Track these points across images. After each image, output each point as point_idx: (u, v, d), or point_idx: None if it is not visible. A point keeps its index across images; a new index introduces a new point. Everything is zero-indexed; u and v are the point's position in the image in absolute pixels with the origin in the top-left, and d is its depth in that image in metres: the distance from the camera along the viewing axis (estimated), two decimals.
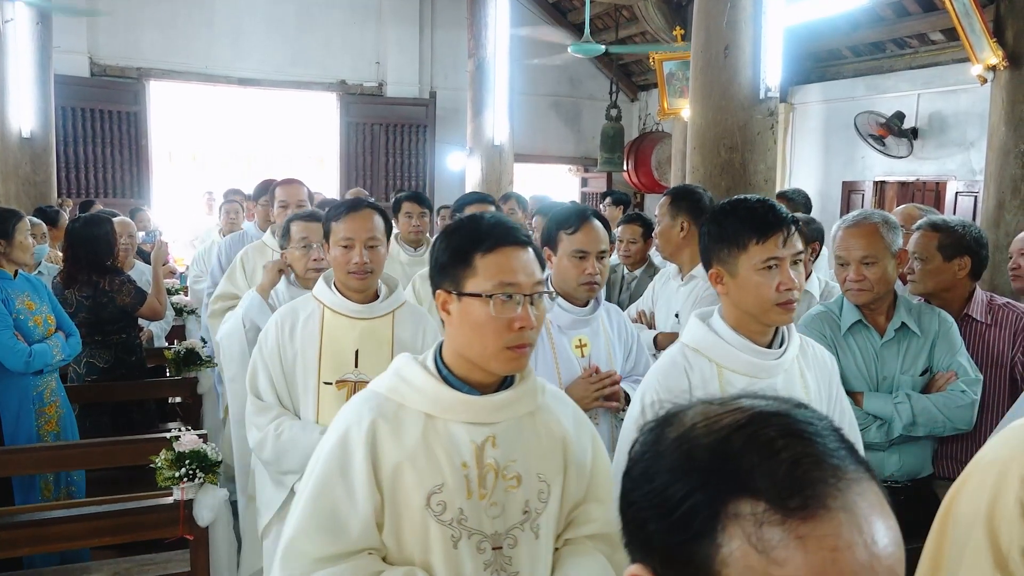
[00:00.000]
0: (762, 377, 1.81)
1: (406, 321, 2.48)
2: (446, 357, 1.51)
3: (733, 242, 1.77)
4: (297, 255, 3.08)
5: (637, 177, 10.73)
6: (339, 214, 2.41)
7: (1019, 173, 4.96)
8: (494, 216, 1.54)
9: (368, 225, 2.39)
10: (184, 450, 2.73)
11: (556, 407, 1.59)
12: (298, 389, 2.41)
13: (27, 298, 3.44)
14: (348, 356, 2.39)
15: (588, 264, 2.43)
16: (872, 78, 7.97)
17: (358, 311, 2.41)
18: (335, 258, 2.39)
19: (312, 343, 2.40)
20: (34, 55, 7.66)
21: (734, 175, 4.43)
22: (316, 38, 10.44)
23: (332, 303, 2.42)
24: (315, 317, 2.42)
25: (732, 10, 4.36)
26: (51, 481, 3.50)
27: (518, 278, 1.43)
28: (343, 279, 2.40)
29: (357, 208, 2.43)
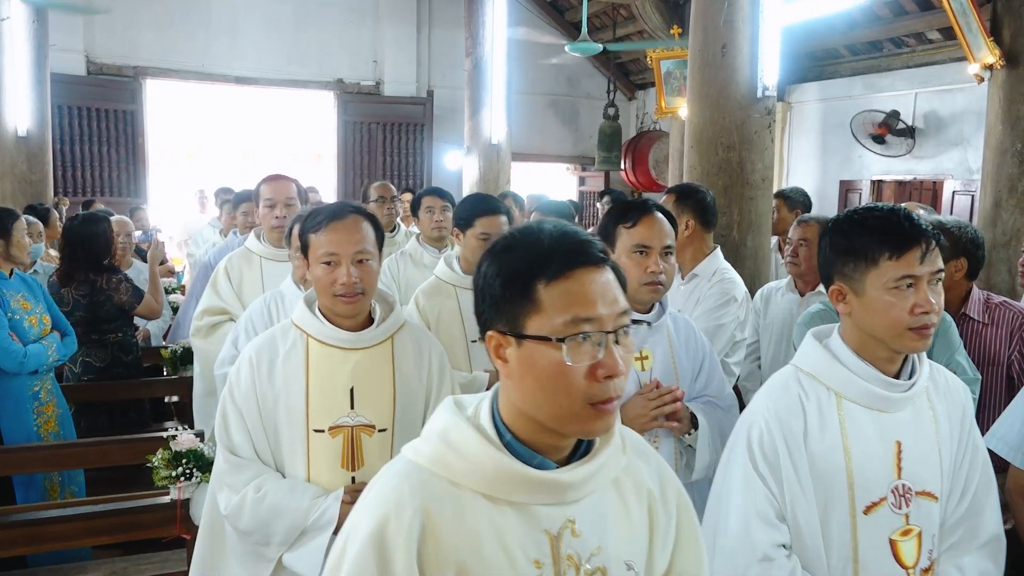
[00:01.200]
0: (887, 410, 1.60)
1: (407, 347, 2.08)
2: (505, 414, 1.14)
3: (861, 256, 1.55)
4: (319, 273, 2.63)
5: (635, 176, 10.73)
6: (318, 224, 1.96)
7: (1016, 172, 4.97)
8: (557, 227, 1.14)
9: (355, 236, 1.95)
10: (181, 449, 2.73)
11: (639, 464, 1.26)
12: (282, 440, 1.98)
13: (22, 298, 3.43)
14: (342, 395, 1.98)
15: (651, 261, 2.18)
16: (869, 77, 7.98)
17: (350, 340, 2.00)
18: (317, 278, 1.97)
19: (296, 382, 1.97)
20: (30, 53, 7.63)
21: (731, 174, 4.43)
22: (313, 36, 10.42)
23: (317, 332, 2.00)
24: (298, 349, 2.00)
25: (730, 9, 4.36)
26: (57, 482, 3.49)
27: (598, 310, 1.07)
28: (328, 303, 1.98)
29: (340, 216, 1.97)
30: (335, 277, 1.93)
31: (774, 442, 1.57)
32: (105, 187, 9.62)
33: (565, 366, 1.06)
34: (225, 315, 3.25)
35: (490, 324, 1.13)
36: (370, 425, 1.98)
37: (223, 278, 3.32)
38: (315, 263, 1.96)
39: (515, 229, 1.17)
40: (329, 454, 1.97)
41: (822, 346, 1.65)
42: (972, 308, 2.72)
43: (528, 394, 1.10)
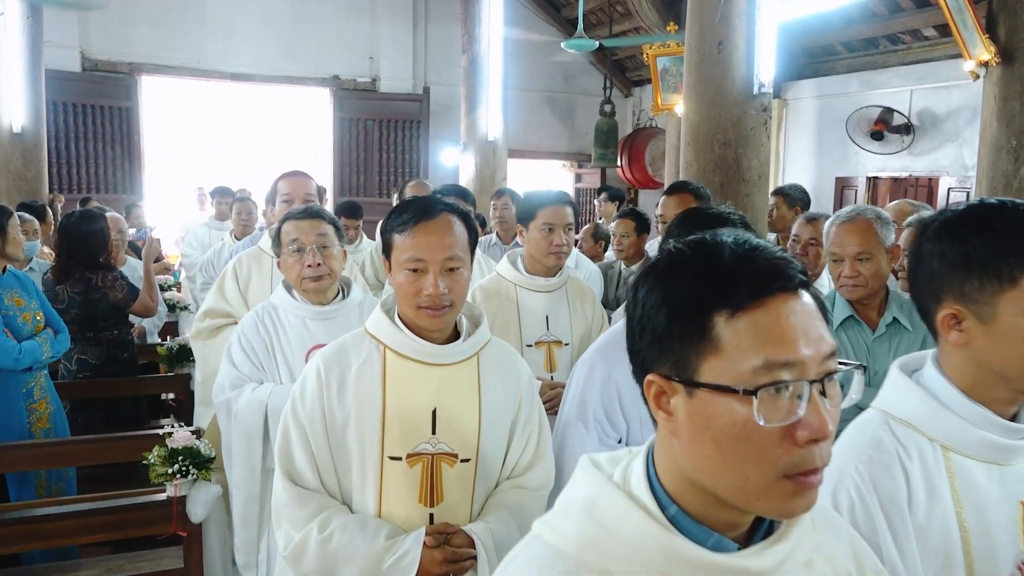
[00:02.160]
0: (1006, 463, 1.23)
1: (494, 367, 1.83)
2: (666, 479, 0.89)
3: (990, 271, 1.18)
4: (290, 262, 2.47)
5: (631, 173, 10.74)
6: (404, 223, 1.72)
7: (1011, 169, 4.98)
8: (741, 240, 0.86)
9: (446, 240, 1.70)
10: (177, 446, 2.73)
11: (831, 539, 0.99)
12: (351, 467, 1.75)
13: (16, 295, 3.42)
14: (423, 418, 1.74)
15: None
16: (865, 74, 7.98)
17: (435, 353, 1.75)
18: (399, 285, 1.72)
19: (371, 400, 1.73)
20: (25, 50, 7.62)
21: (727, 171, 4.44)
22: (309, 33, 10.40)
23: (397, 343, 1.76)
24: (373, 363, 1.75)
25: (726, 6, 4.37)
26: (44, 478, 3.49)
27: (800, 352, 0.81)
28: (411, 314, 1.74)
29: (430, 214, 1.71)
30: (420, 286, 1.69)
31: (870, 514, 1.21)
32: (100, 184, 9.60)
33: (755, 426, 0.80)
34: (229, 318, 3.07)
35: (650, 366, 0.87)
36: (452, 454, 1.75)
37: (230, 279, 3.15)
38: (397, 268, 1.72)
39: (687, 243, 0.88)
40: (405, 486, 1.73)
41: (918, 385, 1.28)
42: None
43: (702, 459, 0.84)
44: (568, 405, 2.09)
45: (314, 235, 2.46)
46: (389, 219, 1.77)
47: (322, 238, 2.47)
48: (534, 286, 2.83)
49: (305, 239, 2.45)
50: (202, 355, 3.15)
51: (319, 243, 2.45)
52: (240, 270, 3.17)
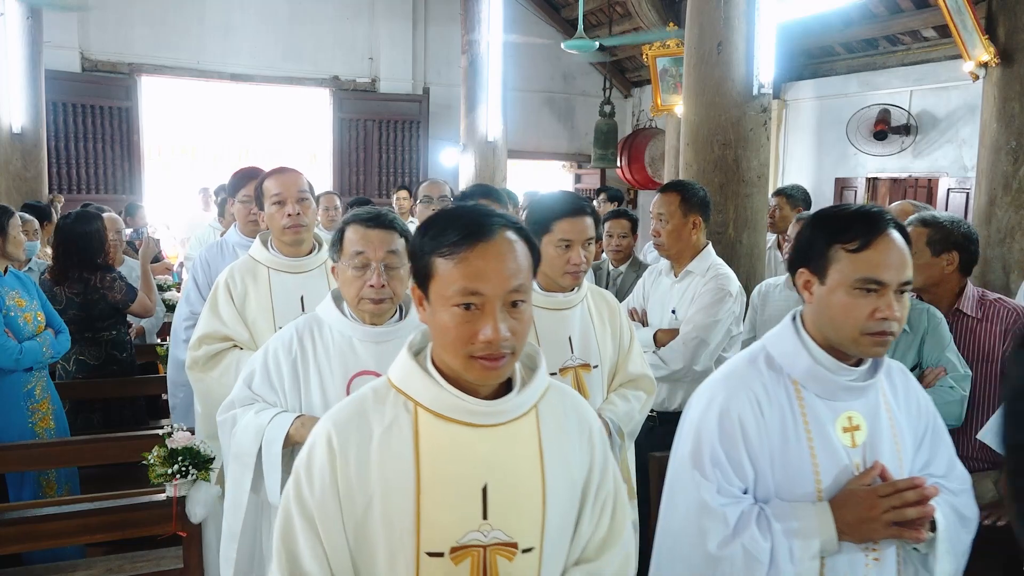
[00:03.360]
0: None
1: (556, 421, 1.42)
2: None
3: None
4: (349, 276, 2.07)
5: (631, 173, 10.74)
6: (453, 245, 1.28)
7: (1010, 170, 4.98)
8: None
9: (510, 266, 1.28)
10: (176, 447, 2.72)
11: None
12: (377, 566, 1.35)
13: (17, 295, 3.42)
14: (470, 499, 1.33)
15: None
16: (865, 75, 7.99)
17: (485, 413, 1.34)
18: (444, 327, 1.30)
19: (402, 478, 1.32)
20: (24, 50, 7.62)
21: (727, 171, 4.44)
22: (308, 33, 10.40)
23: (435, 401, 1.35)
24: (402, 427, 1.35)
25: (726, 6, 4.37)
26: (53, 479, 3.49)
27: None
28: (458, 365, 1.31)
29: (487, 233, 1.29)
30: (475, 329, 1.27)
31: None
32: (100, 184, 9.59)
33: None
34: (227, 342, 2.67)
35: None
36: (511, 544, 1.35)
37: (223, 296, 2.70)
38: (442, 303, 1.28)
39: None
40: None
41: None
42: (966, 304, 2.72)
43: None
44: (681, 445, 1.70)
45: (384, 251, 2.05)
46: (425, 237, 1.31)
47: (392, 256, 2.06)
48: (551, 304, 2.46)
49: (373, 254, 2.04)
50: (203, 388, 2.74)
51: (388, 261, 2.05)
52: (233, 286, 2.73)
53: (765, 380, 1.63)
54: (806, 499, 1.57)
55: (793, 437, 1.59)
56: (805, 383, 1.62)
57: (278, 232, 2.76)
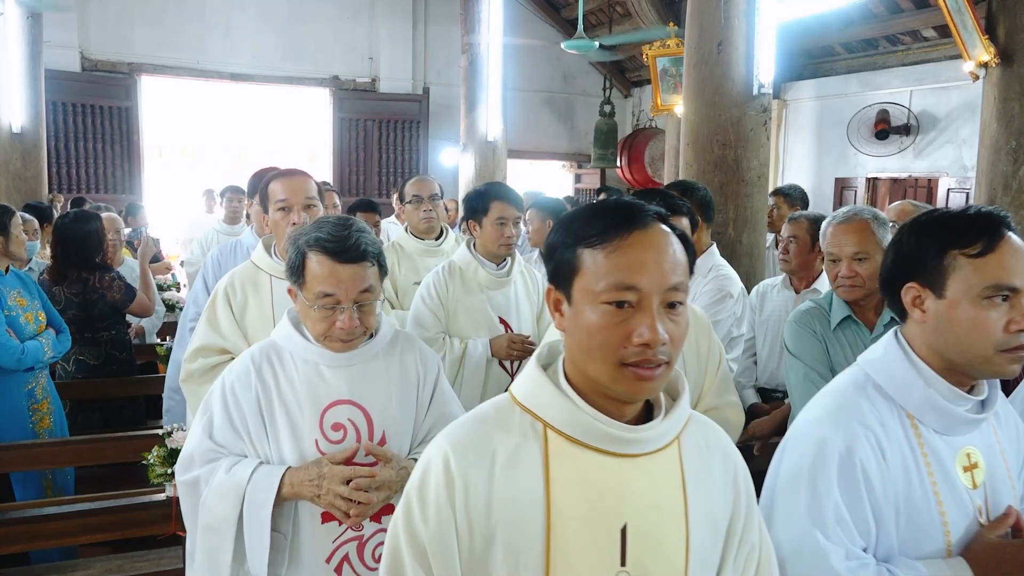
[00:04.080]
0: None
1: (699, 454, 1.22)
2: None
3: None
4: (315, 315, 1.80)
5: (631, 173, 10.74)
6: (604, 232, 1.11)
7: (1010, 170, 4.98)
8: None
9: (669, 260, 1.11)
10: (176, 446, 2.72)
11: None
12: None
13: (18, 295, 3.42)
14: (607, 539, 1.13)
15: None
16: (865, 75, 7.99)
17: (629, 440, 1.14)
18: (592, 327, 1.11)
19: (530, 513, 1.13)
20: (24, 50, 7.62)
21: (727, 171, 4.44)
22: (308, 33, 10.41)
23: (572, 423, 1.15)
24: (531, 453, 1.15)
25: (726, 6, 4.36)
26: (50, 479, 3.49)
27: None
28: (607, 375, 1.11)
29: (641, 222, 1.11)
30: (629, 329, 1.08)
31: None
32: (100, 184, 9.60)
33: None
34: (225, 355, 2.46)
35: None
36: None
37: (222, 305, 2.50)
38: (590, 301, 1.10)
39: None
40: None
41: None
42: None
43: None
44: (788, 507, 1.39)
45: (357, 291, 1.76)
46: (569, 229, 1.14)
47: (366, 295, 1.78)
48: None
49: (343, 294, 1.76)
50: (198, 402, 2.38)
51: (361, 300, 1.78)
52: (233, 294, 2.52)
53: (881, 414, 1.39)
54: (935, 555, 1.35)
55: (917, 482, 1.36)
56: (921, 416, 1.40)
57: (282, 240, 2.52)
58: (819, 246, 3.35)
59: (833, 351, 2.48)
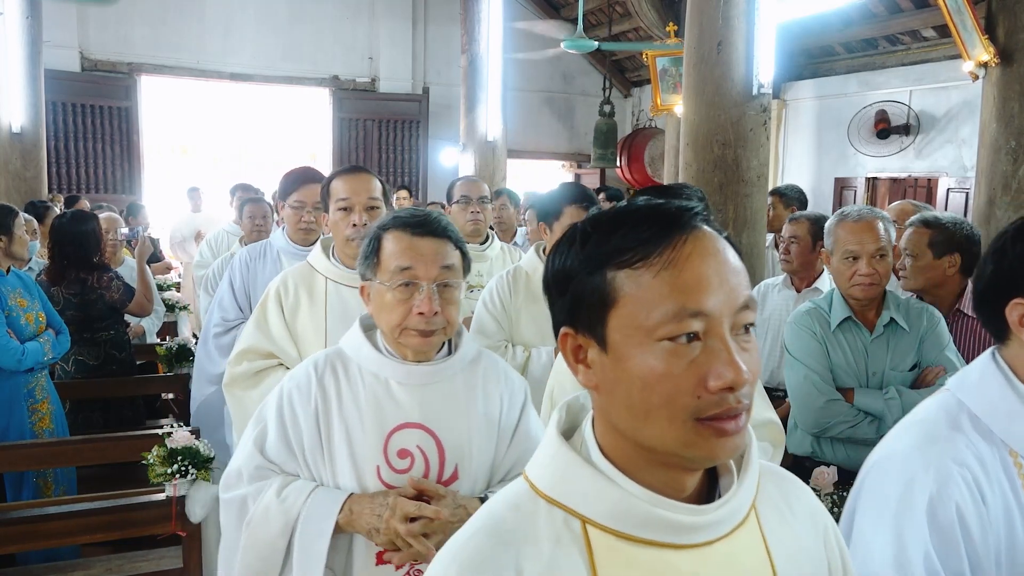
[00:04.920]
0: None
1: (779, 518, 0.94)
2: None
3: None
4: (388, 300, 1.62)
5: (630, 173, 10.74)
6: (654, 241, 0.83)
7: (1010, 170, 4.98)
8: None
9: (735, 269, 0.85)
10: (176, 446, 2.72)
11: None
12: None
13: (19, 295, 3.42)
14: None
15: None
16: (864, 75, 8.00)
17: (698, 525, 0.86)
18: (646, 379, 0.82)
19: None
20: (24, 49, 7.61)
21: (727, 171, 4.44)
22: (308, 33, 10.41)
23: (617, 515, 0.85)
24: (573, 562, 0.83)
25: (725, 6, 4.37)
26: (51, 479, 3.49)
27: None
28: (681, 438, 0.82)
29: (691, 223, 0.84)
30: (702, 372, 0.81)
31: None
32: (99, 184, 9.60)
33: None
34: (272, 359, 2.35)
35: None
36: None
37: (273, 307, 2.37)
38: (641, 340, 0.82)
39: None
40: None
41: None
42: (967, 305, 2.72)
43: None
44: (868, 559, 1.22)
45: (437, 267, 1.58)
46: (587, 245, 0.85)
47: (448, 272, 1.60)
48: None
49: (424, 271, 1.57)
50: (241, 410, 2.37)
51: (442, 279, 1.59)
52: (285, 295, 2.38)
53: (979, 451, 1.19)
54: None
55: (1021, 530, 1.17)
56: None
57: (341, 242, 2.39)
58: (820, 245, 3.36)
59: (833, 352, 2.48)
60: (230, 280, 3.04)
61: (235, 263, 3.09)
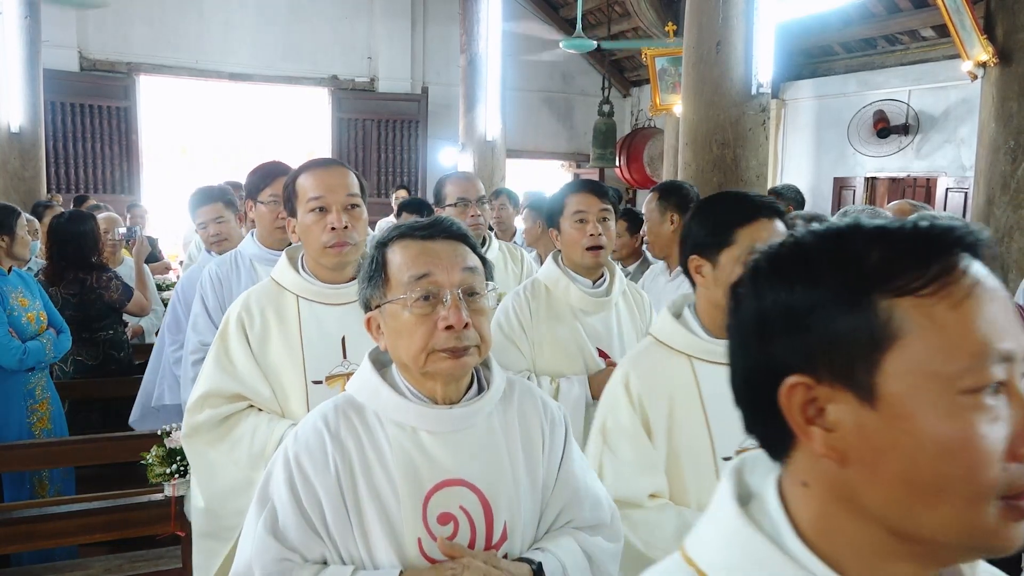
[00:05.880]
0: None
1: None
2: None
3: None
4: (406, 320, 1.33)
5: (629, 173, 10.75)
6: (939, 269, 0.64)
7: (1008, 169, 4.98)
8: None
9: None
10: (175, 446, 2.72)
11: None
12: None
13: (20, 294, 3.42)
14: None
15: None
16: (863, 74, 8.00)
17: None
18: (957, 454, 0.61)
19: None
20: (23, 49, 7.60)
21: (726, 171, 4.44)
22: (307, 32, 10.40)
23: None
24: None
25: (724, 6, 4.37)
26: (46, 479, 3.49)
27: None
28: (988, 530, 0.62)
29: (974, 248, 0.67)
30: (1021, 428, 0.62)
31: None
32: (98, 184, 9.58)
33: None
34: (240, 403, 1.94)
35: None
36: None
37: (235, 337, 1.95)
38: (943, 394, 0.62)
39: None
40: None
41: None
42: None
43: None
44: None
45: (459, 270, 1.32)
46: (844, 262, 0.65)
47: (471, 275, 1.33)
48: (717, 357, 1.69)
49: (443, 274, 1.30)
50: (205, 467, 1.97)
51: (466, 283, 1.32)
52: (249, 322, 1.96)
53: None
54: None
55: None
56: None
57: (316, 250, 1.96)
58: None
59: None
60: (202, 300, 2.69)
61: (204, 281, 2.73)
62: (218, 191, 3.51)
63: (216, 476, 1.96)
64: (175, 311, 3.21)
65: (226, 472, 1.93)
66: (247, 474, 1.87)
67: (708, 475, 1.65)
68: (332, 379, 1.95)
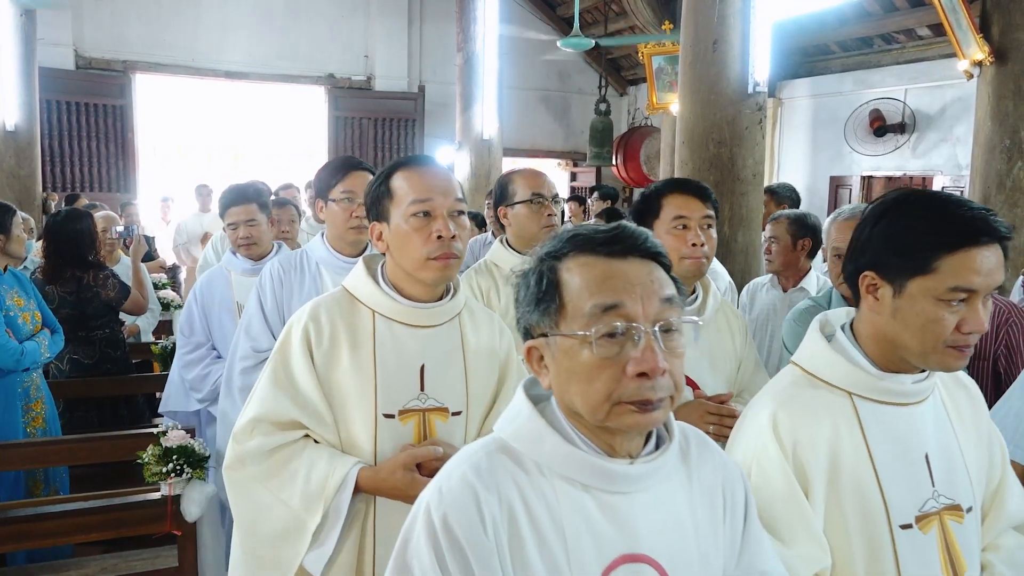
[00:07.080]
0: None
1: None
2: None
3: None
4: None
5: (626, 171, 10.75)
6: None
7: (1004, 168, 4.99)
8: None
9: None
10: (171, 445, 2.72)
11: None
12: None
13: (16, 294, 3.41)
14: None
15: None
16: (860, 73, 8.01)
17: None
18: None
19: None
20: (18, 48, 7.59)
21: (722, 169, 4.45)
22: (304, 31, 10.39)
23: None
24: None
25: (721, 5, 4.37)
26: (41, 479, 3.48)
27: None
28: None
29: None
30: None
31: None
32: (94, 182, 9.57)
33: None
34: (297, 431, 1.67)
35: None
36: None
37: (299, 351, 1.68)
38: None
39: None
40: None
41: None
42: None
43: None
44: None
45: (657, 301, 1.05)
46: None
47: (668, 307, 1.06)
48: None
49: (640, 308, 1.04)
50: (248, 505, 1.69)
51: (663, 317, 1.04)
52: (318, 336, 1.69)
53: None
54: None
55: None
56: None
57: (415, 261, 1.67)
58: (802, 245, 3.37)
59: None
60: (259, 300, 2.47)
61: (264, 279, 2.49)
62: (253, 191, 3.26)
63: (261, 515, 1.67)
64: (190, 313, 3.19)
65: (274, 513, 1.65)
66: (299, 516, 1.60)
67: (883, 548, 1.31)
68: (406, 414, 1.67)
